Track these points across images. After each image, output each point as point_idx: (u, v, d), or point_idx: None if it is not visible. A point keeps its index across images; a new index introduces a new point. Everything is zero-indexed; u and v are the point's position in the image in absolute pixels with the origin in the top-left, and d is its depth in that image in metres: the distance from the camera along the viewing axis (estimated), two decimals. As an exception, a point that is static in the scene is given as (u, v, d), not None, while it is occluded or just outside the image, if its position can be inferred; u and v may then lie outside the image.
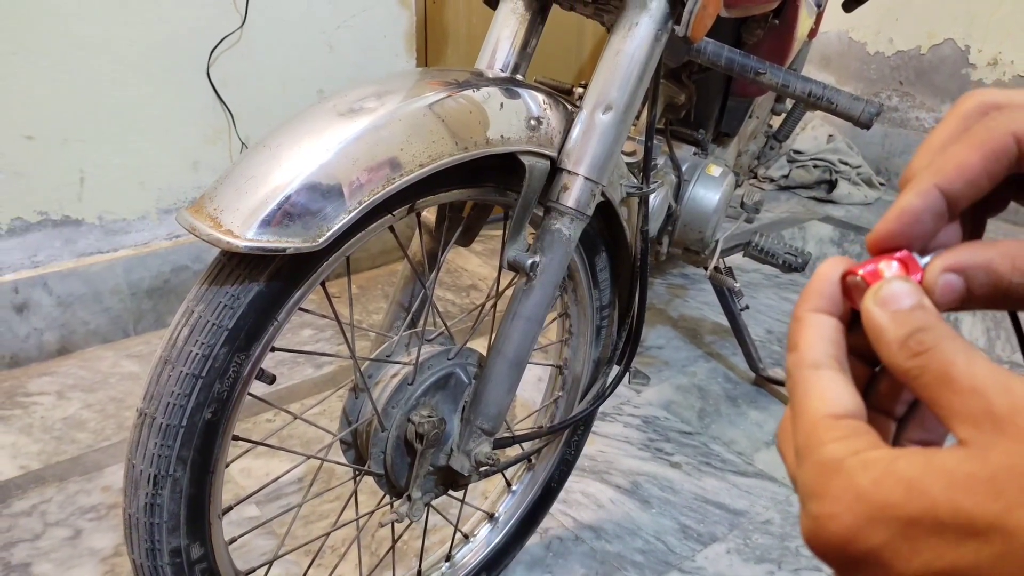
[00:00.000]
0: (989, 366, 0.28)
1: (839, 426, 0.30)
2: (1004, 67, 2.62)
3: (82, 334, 1.80)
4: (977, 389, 0.27)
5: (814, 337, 0.33)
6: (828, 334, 0.33)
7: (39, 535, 1.32)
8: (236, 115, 1.86)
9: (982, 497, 0.25)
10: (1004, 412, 0.26)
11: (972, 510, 0.25)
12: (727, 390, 1.81)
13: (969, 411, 0.27)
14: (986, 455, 0.26)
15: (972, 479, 0.26)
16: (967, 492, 0.26)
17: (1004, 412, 0.26)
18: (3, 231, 1.66)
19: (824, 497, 0.29)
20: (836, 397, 0.31)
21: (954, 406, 0.28)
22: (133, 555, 0.80)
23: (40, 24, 1.56)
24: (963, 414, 0.28)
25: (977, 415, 0.27)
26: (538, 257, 0.90)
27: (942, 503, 0.26)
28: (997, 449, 0.26)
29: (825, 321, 0.34)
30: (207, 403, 0.76)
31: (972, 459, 0.26)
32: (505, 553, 1.25)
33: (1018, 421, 0.26)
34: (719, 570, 1.32)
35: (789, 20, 1.48)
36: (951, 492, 0.26)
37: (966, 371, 0.28)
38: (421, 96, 0.80)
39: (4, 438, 1.51)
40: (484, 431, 0.96)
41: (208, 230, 0.72)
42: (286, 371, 1.73)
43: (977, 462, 0.26)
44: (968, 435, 0.27)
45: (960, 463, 0.26)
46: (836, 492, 0.28)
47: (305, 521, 1.37)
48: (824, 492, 0.29)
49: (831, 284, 0.34)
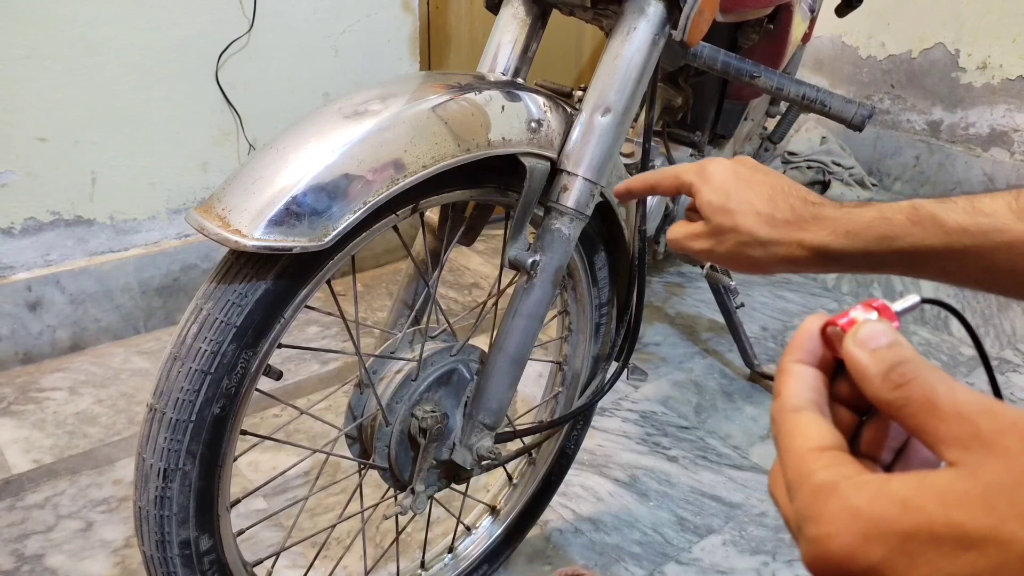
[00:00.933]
0: (969, 392, 0.29)
1: (825, 456, 0.31)
2: (993, 70, 2.61)
3: (94, 331, 1.80)
4: (962, 414, 0.28)
5: (795, 385, 0.35)
6: (808, 382, 0.35)
7: (52, 527, 1.32)
8: (244, 117, 1.86)
9: (976, 511, 0.26)
10: (990, 434, 0.27)
11: (967, 523, 0.26)
12: (723, 386, 1.81)
13: (956, 435, 0.28)
14: (976, 473, 0.27)
15: (965, 495, 0.26)
16: (961, 507, 0.26)
17: (990, 434, 0.27)
18: (17, 230, 1.66)
19: (820, 519, 0.29)
20: (817, 433, 0.32)
21: (940, 432, 0.29)
22: (143, 546, 0.80)
23: (53, 29, 1.56)
24: (950, 438, 0.28)
25: (964, 438, 0.28)
26: (538, 256, 0.90)
27: (937, 518, 0.26)
28: (987, 467, 0.27)
29: (805, 371, 0.35)
30: (216, 398, 0.76)
31: (963, 478, 0.27)
32: (506, 545, 1.25)
33: (1004, 441, 0.27)
34: (715, 561, 1.32)
35: (783, 25, 1.48)
36: (945, 508, 0.27)
37: (949, 398, 0.29)
38: (424, 99, 0.80)
39: (18, 432, 1.51)
40: (486, 426, 0.96)
41: (217, 229, 0.72)
42: (293, 367, 1.73)
43: (969, 480, 0.27)
44: (957, 456, 0.28)
45: (953, 481, 0.27)
46: (832, 512, 0.29)
47: (311, 513, 1.37)
48: (820, 515, 0.29)
49: (811, 338, 0.36)
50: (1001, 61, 2.59)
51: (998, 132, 2.63)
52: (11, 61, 1.53)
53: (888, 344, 0.32)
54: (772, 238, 0.60)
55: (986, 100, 2.65)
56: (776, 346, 1.98)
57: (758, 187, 0.62)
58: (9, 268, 1.67)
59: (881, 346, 0.32)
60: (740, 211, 0.61)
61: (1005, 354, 1.98)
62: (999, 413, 0.27)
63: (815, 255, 0.59)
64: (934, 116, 2.80)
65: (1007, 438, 0.27)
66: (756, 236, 0.60)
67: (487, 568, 1.23)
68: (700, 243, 0.65)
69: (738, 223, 0.61)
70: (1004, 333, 2.05)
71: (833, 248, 0.57)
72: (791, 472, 0.31)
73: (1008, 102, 2.60)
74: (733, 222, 0.61)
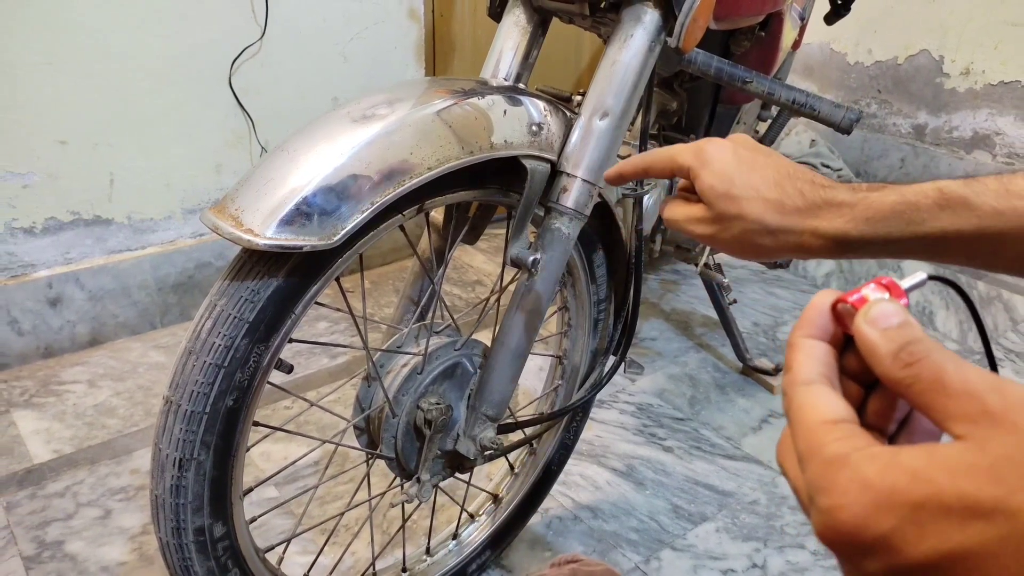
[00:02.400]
0: (978, 371, 0.29)
1: (837, 429, 0.31)
2: (976, 76, 2.61)
3: (112, 326, 1.80)
4: (970, 391, 0.28)
5: (805, 359, 0.34)
6: (818, 355, 0.34)
7: (72, 515, 1.32)
8: (256, 121, 1.86)
9: (984, 483, 0.26)
10: (998, 410, 0.27)
11: (976, 494, 0.26)
12: (716, 379, 1.81)
13: (964, 411, 0.28)
14: (985, 446, 0.27)
15: (974, 467, 0.26)
16: (970, 479, 0.26)
17: (998, 410, 0.27)
18: (38, 230, 1.66)
19: (832, 490, 0.29)
20: (829, 406, 0.32)
21: (949, 408, 0.28)
22: (160, 533, 0.80)
23: (73, 36, 1.56)
24: (958, 414, 0.28)
25: (973, 414, 0.28)
26: (539, 254, 0.90)
27: (947, 489, 0.26)
28: (995, 441, 0.26)
29: (815, 345, 0.35)
30: (229, 391, 0.76)
31: (972, 451, 0.27)
32: (508, 531, 1.25)
33: (1012, 416, 0.27)
34: (709, 547, 1.32)
35: (774, 32, 1.48)
36: (954, 479, 0.26)
37: (958, 376, 0.29)
38: (429, 103, 0.80)
39: (39, 424, 1.51)
40: (488, 417, 0.96)
41: (230, 229, 0.71)
42: (303, 361, 1.73)
43: (977, 453, 0.27)
44: (965, 431, 0.28)
45: (961, 454, 0.27)
46: (843, 484, 0.28)
47: (321, 502, 1.37)
48: (832, 486, 0.29)
49: (822, 313, 0.35)
50: (983, 67, 2.59)
51: (981, 135, 2.62)
52: (34, 67, 1.53)
53: (899, 324, 0.31)
54: (783, 226, 0.55)
55: (969, 104, 2.64)
56: (767, 341, 1.97)
57: (763, 170, 0.56)
58: (31, 266, 1.67)
59: (892, 326, 0.31)
60: (746, 197, 0.56)
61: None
62: (1007, 390, 0.27)
63: (832, 243, 0.54)
64: (919, 120, 2.79)
65: (1015, 413, 0.27)
66: (765, 224, 0.55)
67: (490, 554, 1.23)
68: (702, 228, 0.59)
69: (744, 210, 0.56)
70: (987, 327, 2.04)
71: (852, 236, 0.53)
72: (802, 444, 0.31)
73: (990, 106, 2.59)
74: (739, 209, 0.56)
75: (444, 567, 1.17)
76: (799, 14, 1.67)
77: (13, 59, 1.51)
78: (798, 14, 1.66)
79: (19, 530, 1.28)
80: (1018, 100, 2.53)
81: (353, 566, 1.25)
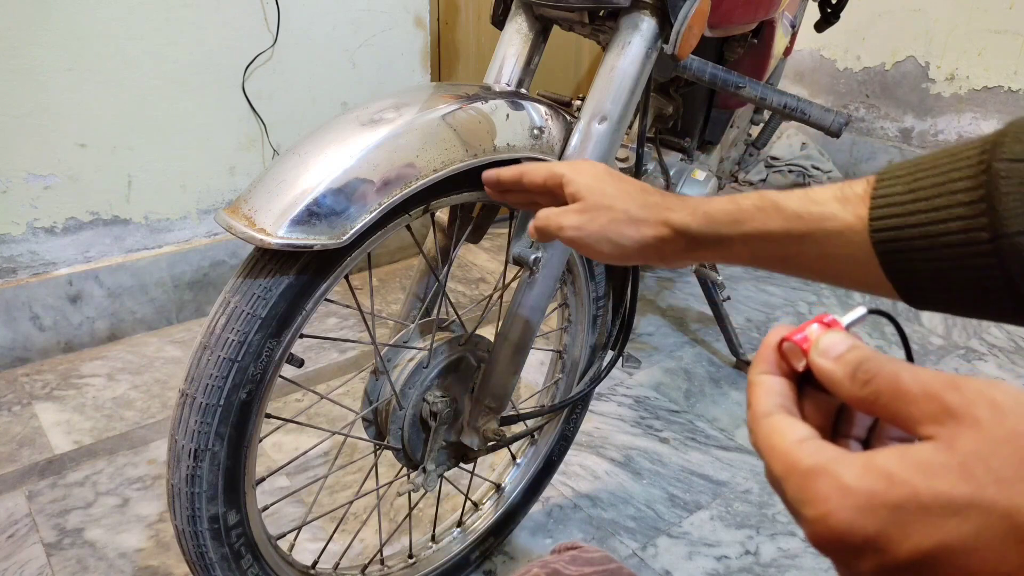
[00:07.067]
0: (933, 373, 0.29)
1: (806, 446, 0.31)
2: (960, 82, 2.60)
3: (130, 322, 1.80)
4: (929, 393, 0.28)
5: (763, 394, 0.35)
6: (775, 389, 0.35)
7: (91, 503, 1.32)
8: (268, 125, 1.86)
9: (956, 480, 0.26)
10: (959, 406, 0.27)
11: (950, 492, 0.26)
12: (711, 373, 1.81)
13: (927, 413, 0.28)
14: (952, 445, 0.27)
15: (945, 467, 0.26)
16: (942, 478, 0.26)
17: (959, 406, 0.27)
18: (59, 229, 1.66)
19: (815, 501, 0.29)
20: (792, 429, 0.32)
21: (913, 414, 0.29)
22: (176, 521, 0.80)
23: (93, 43, 1.56)
24: (922, 417, 0.28)
25: (936, 414, 0.28)
26: (540, 253, 0.90)
27: (922, 489, 0.26)
28: (961, 438, 0.27)
29: (771, 379, 0.35)
30: (242, 384, 0.76)
31: (941, 450, 0.27)
32: (511, 520, 1.25)
33: (973, 411, 0.27)
34: (703, 535, 1.32)
35: (766, 39, 1.47)
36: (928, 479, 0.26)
37: (915, 382, 0.29)
38: (435, 108, 0.80)
39: (60, 416, 1.51)
40: (492, 409, 0.96)
41: (243, 228, 0.71)
42: (313, 355, 1.73)
43: (946, 452, 0.27)
44: (933, 431, 0.28)
45: (932, 454, 0.27)
46: (824, 492, 0.28)
47: (330, 491, 1.37)
48: (814, 496, 0.29)
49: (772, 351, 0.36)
50: (968, 73, 2.58)
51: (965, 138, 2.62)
52: (55, 73, 1.53)
53: (848, 348, 0.32)
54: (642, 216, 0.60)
55: (954, 109, 2.64)
56: (760, 336, 1.97)
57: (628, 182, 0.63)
58: (52, 264, 1.67)
59: (842, 352, 0.32)
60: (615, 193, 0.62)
61: (972, 343, 1.97)
62: (964, 386, 0.27)
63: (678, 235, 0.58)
64: (906, 124, 2.79)
65: (976, 408, 0.27)
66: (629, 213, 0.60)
67: (493, 541, 1.23)
68: (571, 219, 0.63)
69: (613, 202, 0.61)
70: (971, 324, 2.04)
71: (693, 229, 0.57)
72: (778, 467, 0.31)
73: (974, 111, 2.59)
74: (609, 201, 0.62)
75: (449, 553, 1.17)
76: (790, 22, 1.67)
77: (37, 66, 1.51)
78: (789, 22, 1.66)
79: (41, 518, 1.28)
80: (1000, 104, 2.52)
81: (362, 552, 1.25)
